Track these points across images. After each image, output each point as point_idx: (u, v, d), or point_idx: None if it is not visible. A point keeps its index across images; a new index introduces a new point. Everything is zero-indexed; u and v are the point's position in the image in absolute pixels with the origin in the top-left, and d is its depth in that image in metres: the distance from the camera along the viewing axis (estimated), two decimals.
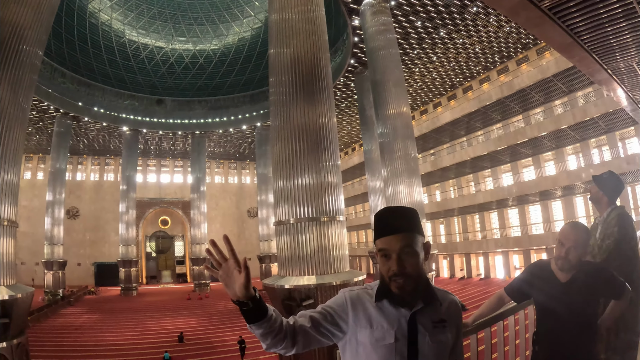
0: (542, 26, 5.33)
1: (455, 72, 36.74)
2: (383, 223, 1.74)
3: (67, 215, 49.51)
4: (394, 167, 21.81)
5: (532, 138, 31.42)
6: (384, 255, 1.70)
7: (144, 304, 36.51)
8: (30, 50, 13.29)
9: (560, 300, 2.65)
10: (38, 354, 19.06)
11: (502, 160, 36.16)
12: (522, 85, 31.18)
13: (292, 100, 13.35)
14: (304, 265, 12.50)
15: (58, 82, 39.64)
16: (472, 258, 39.76)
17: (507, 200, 35.30)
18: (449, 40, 31.08)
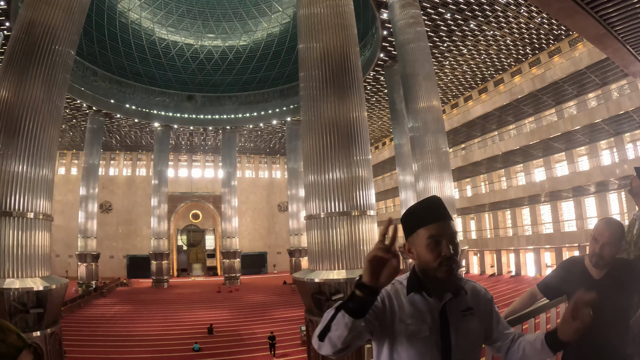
0: (574, 17, 5.22)
1: (486, 64, 36.14)
2: (433, 210, 1.78)
3: (100, 209, 50.82)
4: (425, 162, 21.63)
5: (565, 132, 30.66)
6: (433, 242, 1.71)
7: (175, 296, 37.13)
8: (63, 50, 13.62)
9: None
10: (71, 344, 19.47)
11: (535, 155, 35.46)
12: (554, 78, 30.43)
13: (323, 94, 13.36)
14: (334, 259, 12.54)
15: (90, 80, 40.67)
16: (503, 255, 39.22)
17: (539, 196, 34.60)
18: (479, 32, 30.57)
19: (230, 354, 19.77)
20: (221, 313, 28.96)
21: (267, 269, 60.33)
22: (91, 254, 39.94)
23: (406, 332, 1.70)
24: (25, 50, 12.85)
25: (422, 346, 1.70)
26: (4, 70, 12.91)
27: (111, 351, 19.97)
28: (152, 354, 19.62)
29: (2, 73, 12.91)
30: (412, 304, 1.75)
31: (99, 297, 35.94)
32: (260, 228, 61.67)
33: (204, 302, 33.97)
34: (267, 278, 52.63)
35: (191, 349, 20.09)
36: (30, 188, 12.20)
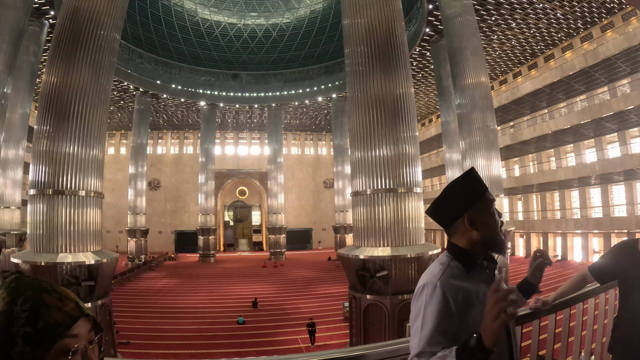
0: None
1: (536, 39, 34.80)
2: (481, 179, 1.81)
3: (149, 186, 52.65)
4: (472, 140, 21.17)
5: (618, 112, 29.15)
6: (494, 208, 1.79)
7: (221, 270, 38.13)
8: (108, 35, 14.01)
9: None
10: (120, 314, 20.30)
11: (586, 135, 34.10)
12: (607, 54, 28.89)
13: (369, 70, 13.27)
14: (379, 236, 12.56)
15: (136, 62, 41.93)
16: (550, 238, 38.26)
17: (589, 178, 33.30)
18: (529, 5, 29.36)
19: (274, 327, 20.16)
20: (266, 288, 29.53)
21: (312, 245, 60.89)
22: (140, 230, 41.54)
23: (477, 311, 1.61)
24: (71, 36, 13.31)
25: None
26: (51, 57, 13.46)
27: (158, 322, 20.84)
28: (197, 325, 20.28)
29: (50, 60, 13.48)
30: (472, 280, 1.74)
31: (147, 270, 37.35)
32: (306, 204, 62.23)
33: (249, 276, 34.72)
34: (311, 254, 53.24)
35: (236, 322, 20.64)
36: (81, 168, 12.74)
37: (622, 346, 2.65)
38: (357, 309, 12.88)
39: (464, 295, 1.66)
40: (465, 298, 1.66)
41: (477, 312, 1.61)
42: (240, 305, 24.16)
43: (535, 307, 2.60)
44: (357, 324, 12.81)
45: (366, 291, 12.57)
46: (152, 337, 18.54)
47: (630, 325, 2.61)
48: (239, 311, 22.34)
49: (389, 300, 12.12)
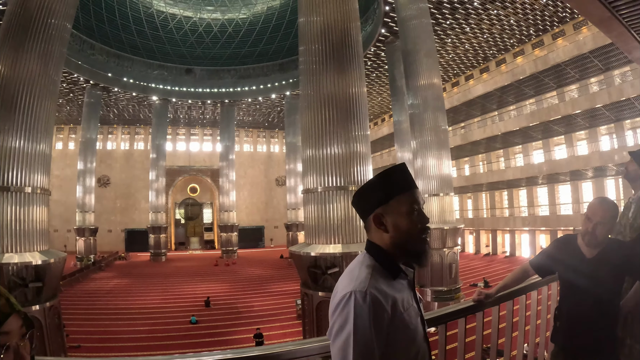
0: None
1: (489, 44, 35.80)
2: (409, 176, 1.64)
3: (98, 183, 51.09)
4: (424, 139, 21.62)
5: (566, 115, 30.65)
6: (417, 209, 1.57)
7: (173, 270, 37.45)
8: (59, 24, 13.44)
9: (585, 276, 2.64)
10: (70, 317, 19.74)
11: (534, 137, 35.46)
12: (557, 61, 30.26)
13: (322, 69, 13.25)
14: (331, 233, 12.59)
15: (87, 54, 40.29)
16: (499, 235, 39.53)
17: (536, 178, 34.74)
18: (483, 11, 30.20)
19: (227, 326, 20.02)
20: (218, 286, 29.26)
21: (264, 243, 60.68)
22: (89, 228, 40.18)
23: (403, 324, 1.50)
24: (21, 24, 12.67)
25: (418, 327, 1.58)
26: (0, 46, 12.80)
27: (110, 324, 20.25)
28: (149, 327, 19.86)
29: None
30: (395, 287, 1.54)
31: (97, 271, 36.25)
32: (258, 202, 61.89)
33: (202, 275, 34.30)
34: (264, 252, 53.10)
35: (188, 321, 20.37)
36: (28, 163, 12.19)
37: (563, 335, 2.76)
38: (309, 306, 12.88)
39: (392, 304, 1.47)
40: (394, 308, 1.47)
41: (403, 324, 1.49)
42: (192, 304, 23.83)
43: (479, 299, 2.67)
44: (309, 321, 12.81)
45: (318, 288, 12.58)
46: (103, 339, 18.00)
47: (569, 316, 2.72)
48: (192, 311, 22.04)
49: None
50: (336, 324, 1.43)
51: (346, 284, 1.48)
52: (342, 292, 1.45)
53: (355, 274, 1.50)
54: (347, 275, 1.53)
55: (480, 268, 32.79)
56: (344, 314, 1.40)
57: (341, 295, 1.44)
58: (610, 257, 2.60)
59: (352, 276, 1.49)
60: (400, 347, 1.48)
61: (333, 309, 1.46)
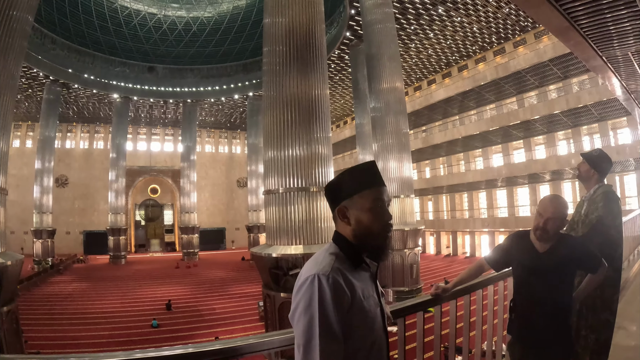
0: (539, 8, 5.29)
1: (452, 50, 36.51)
2: (376, 172, 1.68)
3: (56, 183, 49.31)
4: (385, 142, 21.86)
5: (525, 121, 31.61)
6: (379, 205, 1.62)
7: (133, 273, 36.64)
8: (20, 16, 12.97)
9: (537, 269, 2.72)
10: (28, 322, 19.14)
11: (494, 141, 36.33)
12: (517, 68, 31.17)
13: (286, 70, 13.27)
14: (292, 235, 12.61)
15: (48, 48, 38.80)
16: (459, 236, 40.24)
17: (496, 181, 35.63)
18: (447, 17, 30.79)
19: (189, 329, 19.69)
20: (180, 289, 28.77)
21: (225, 245, 59.92)
22: (47, 230, 38.86)
23: (362, 311, 1.54)
24: None
25: (377, 318, 1.62)
26: None
27: (69, 329, 19.64)
28: (110, 331, 19.36)
29: None
30: (358, 276, 1.59)
31: (55, 274, 35.05)
32: (219, 203, 61.20)
33: (162, 278, 33.63)
34: (225, 254, 52.40)
35: (150, 325, 19.96)
36: None
37: (518, 327, 2.83)
38: (271, 308, 12.87)
39: (352, 290, 1.51)
40: (353, 293, 1.51)
41: (362, 310, 1.53)
42: (154, 308, 23.35)
43: (435, 293, 2.72)
44: (272, 323, 12.81)
45: (280, 289, 12.59)
46: (63, 345, 17.43)
47: (523, 308, 2.80)
48: (153, 314, 21.61)
49: None
50: (300, 305, 1.45)
51: (310, 267, 1.52)
52: (306, 274, 1.48)
53: (319, 259, 1.55)
54: (312, 260, 1.58)
55: (441, 268, 33.31)
56: (307, 295, 1.44)
57: (304, 277, 1.48)
58: (561, 252, 2.70)
59: (317, 261, 1.54)
60: (357, 332, 1.51)
61: (296, 290, 1.50)
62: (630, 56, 7.00)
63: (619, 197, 3.47)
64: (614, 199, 3.37)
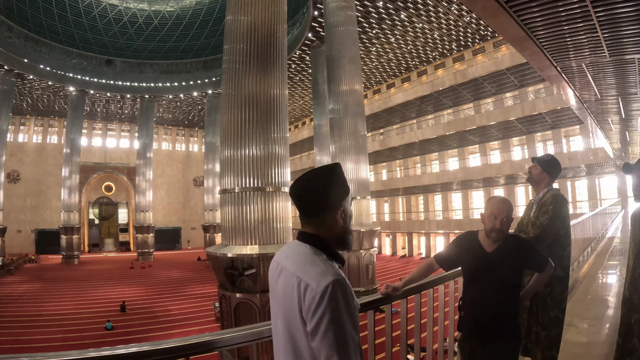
0: (497, 17, 5.39)
1: (412, 55, 37.12)
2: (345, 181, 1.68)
3: (8, 179, 47.14)
4: (343, 144, 21.99)
5: (481, 126, 32.58)
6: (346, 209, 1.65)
7: (86, 273, 35.65)
8: None
9: (485, 269, 2.80)
10: None
11: (450, 145, 37.19)
12: (475, 75, 32.06)
13: (245, 69, 13.20)
14: (248, 234, 12.55)
15: (4, 36, 37.04)
16: (414, 237, 40.95)
17: (451, 184, 36.47)
18: (409, 23, 31.30)
19: (144, 331, 19.30)
20: (134, 290, 28.24)
21: (181, 245, 59.09)
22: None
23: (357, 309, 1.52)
24: None
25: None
26: None
27: (21, 332, 18.95)
28: (63, 334, 18.78)
29: None
30: None
31: (6, 274, 33.62)
32: (175, 202, 60.36)
33: (117, 278, 32.88)
34: (181, 254, 51.73)
35: (104, 327, 19.49)
36: None
37: (468, 324, 2.89)
38: (227, 308, 12.76)
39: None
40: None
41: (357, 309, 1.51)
42: (107, 309, 22.70)
43: (386, 292, 2.77)
44: (228, 323, 12.71)
45: (236, 290, 12.50)
46: (14, 349, 16.65)
47: (472, 305, 2.87)
48: (107, 316, 21.06)
49: (258, 298, 12.16)
50: (326, 316, 1.36)
51: (317, 274, 1.43)
52: (321, 283, 1.39)
53: (320, 265, 1.47)
54: (310, 266, 1.48)
55: (396, 269, 33.79)
56: (332, 305, 1.36)
57: (323, 286, 1.38)
58: (509, 251, 2.79)
59: (319, 267, 1.46)
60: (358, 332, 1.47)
61: (317, 301, 1.37)
62: (584, 67, 7.26)
63: (567, 201, 3.60)
64: (563, 202, 3.50)
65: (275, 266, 1.63)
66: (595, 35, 5.80)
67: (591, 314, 5.27)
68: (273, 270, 1.65)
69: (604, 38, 5.83)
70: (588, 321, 4.95)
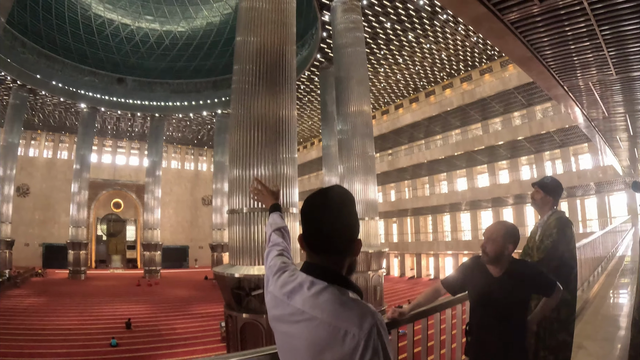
0: (503, 38, 5.44)
1: (420, 76, 37.32)
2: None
3: (17, 192, 47.51)
4: (351, 164, 21.96)
5: (489, 146, 32.50)
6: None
7: (92, 289, 35.61)
8: None
9: (491, 293, 2.80)
10: None
11: (458, 165, 37.11)
12: (483, 95, 32.14)
13: (254, 89, 13.30)
14: (255, 255, 12.52)
15: (18, 51, 37.79)
16: (423, 258, 40.63)
17: (460, 205, 36.29)
18: (417, 44, 31.52)
19: (149, 349, 19.16)
20: (140, 307, 28.11)
21: (188, 264, 59.05)
22: (5, 241, 37.26)
23: None
24: None
25: None
26: None
27: (25, 345, 18.84)
28: (67, 349, 18.68)
29: None
30: None
31: (12, 287, 33.64)
32: (183, 221, 60.44)
33: (123, 295, 32.77)
34: (188, 272, 51.56)
35: (108, 344, 19.30)
36: None
37: (475, 349, 2.89)
38: (233, 328, 12.68)
39: None
40: None
41: None
42: (113, 326, 22.56)
43: (392, 317, 2.77)
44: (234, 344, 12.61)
45: (242, 310, 12.44)
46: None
47: (479, 331, 2.87)
48: (112, 333, 20.87)
49: (265, 318, 12.07)
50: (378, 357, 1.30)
51: (354, 318, 1.34)
52: (364, 327, 1.32)
53: (353, 307, 1.38)
54: (343, 310, 1.37)
55: (404, 290, 33.48)
56: (380, 346, 1.32)
57: (366, 331, 1.31)
58: (514, 276, 2.79)
59: (353, 310, 1.37)
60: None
61: (363, 346, 1.30)
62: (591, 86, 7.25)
63: (571, 222, 3.60)
64: (567, 224, 3.50)
65: (293, 311, 1.47)
66: (602, 54, 5.82)
67: (601, 335, 5.21)
68: (285, 311, 1.51)
69: (610, 56, 5.86)
70: (598, 342, 4.90)
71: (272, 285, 1.64)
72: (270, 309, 1.60)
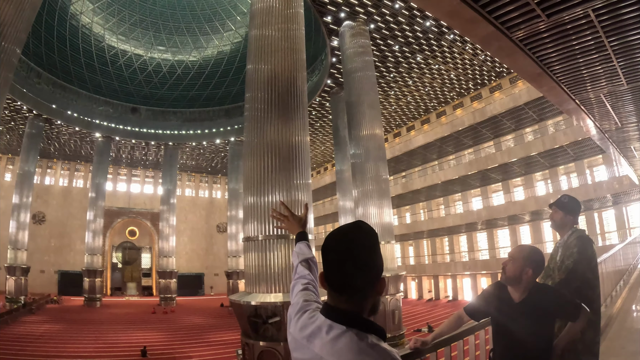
0: (513, 56, 5.50)
1: (430, 96, 37.38)
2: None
3: (33, 220, 48.15)
4: (365, 188, 21.94)
5: (502, 164, 32.32)
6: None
7: (108, 316, 35.63)
8: (8, 48, 12.92)
9: (513, 319, 2.76)
10: None
11: (472, 185, 36.90)
12: (494, 112, 32.10)
13: (267, 117, 13.42)
14: (271, 282, 12.48)
15: (33, 82, 38.60)
16: (441, 280, 40.18)
17: (476, 224, 35.96)
18: (425, 65, 31.65)
19: None
20: (156, 335, 28.01)
21: (203, 291, 58.87)
22: (21, 267, 37.54)
23: None
24: None
25: None
26: None
27: None
28: None
29: None
30: None
31: (27, 313, 33.87)
32: (198, 248, 60.44)
33: (138, 323, 32.75)
34: (203, 300, 51.39)
35: None
36: None
37: None
38: (250, 356, 12.58)
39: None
40: None
41: None
42: (129, 354, 22.47)
43: (415, 347, 2.74)
44: None
45: (259, 338, 12.35)
46: None
47: (502, 357, 2.82)
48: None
49: (282, 346, 11.97)
50: None
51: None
52: None
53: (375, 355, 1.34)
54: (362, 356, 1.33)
55: (423, 313, 33.06)
56: None
57: None
58: (536, 301, 2.74)
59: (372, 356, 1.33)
60: None
61: None
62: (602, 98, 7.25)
63: (592, 241, 3.55)
64: (588, 242, 3.46)
65: (312, 356, 1.45)
66: (611, 65, 5.83)
67: (627, 351, 5.09)
68: (305, 356, 1.48)
69: (620, 66, 5.86)
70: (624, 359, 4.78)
71: (293, 326, 1.61)
72: (292, 350, 1.58)
